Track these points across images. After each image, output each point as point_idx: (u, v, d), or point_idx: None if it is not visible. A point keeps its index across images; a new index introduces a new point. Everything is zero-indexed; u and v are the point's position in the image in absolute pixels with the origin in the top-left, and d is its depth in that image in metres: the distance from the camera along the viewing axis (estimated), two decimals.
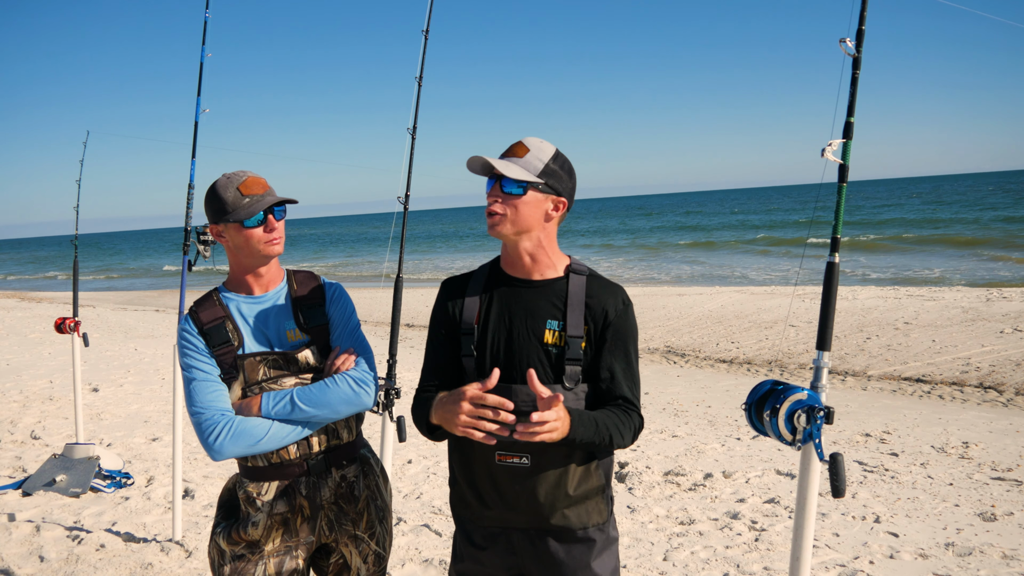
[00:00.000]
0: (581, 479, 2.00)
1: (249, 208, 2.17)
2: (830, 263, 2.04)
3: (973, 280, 18.62)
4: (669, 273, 25.72)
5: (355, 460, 2.34)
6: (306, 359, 2.24)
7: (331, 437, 2.27)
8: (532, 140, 2.02)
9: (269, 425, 2.14)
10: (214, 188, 2.22)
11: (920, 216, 44.20)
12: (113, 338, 13.71)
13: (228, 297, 2.28)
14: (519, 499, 1.99)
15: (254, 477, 2.25)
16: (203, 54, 4.38)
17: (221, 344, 2.21)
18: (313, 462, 2.24)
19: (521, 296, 2.04)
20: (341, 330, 2.30)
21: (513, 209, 1.97)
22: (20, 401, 8.34)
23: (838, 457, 1.86)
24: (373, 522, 2.34)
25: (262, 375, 2.21)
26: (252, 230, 2.19)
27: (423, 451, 6.25)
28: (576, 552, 2.02)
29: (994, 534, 4.31)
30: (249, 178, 2.21)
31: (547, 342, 1.98)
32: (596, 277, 2.08)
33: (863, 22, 2.00)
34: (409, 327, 14.76)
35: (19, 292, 30.86)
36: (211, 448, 2.11)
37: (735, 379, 9.26)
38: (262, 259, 2.24)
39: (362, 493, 2.33)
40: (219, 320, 2.23)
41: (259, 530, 2.21)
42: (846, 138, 2.01)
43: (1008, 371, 8.52)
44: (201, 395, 2.15)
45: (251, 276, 2.28)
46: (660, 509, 4.86)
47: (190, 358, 2.20)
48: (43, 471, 5.40)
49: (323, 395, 2.16)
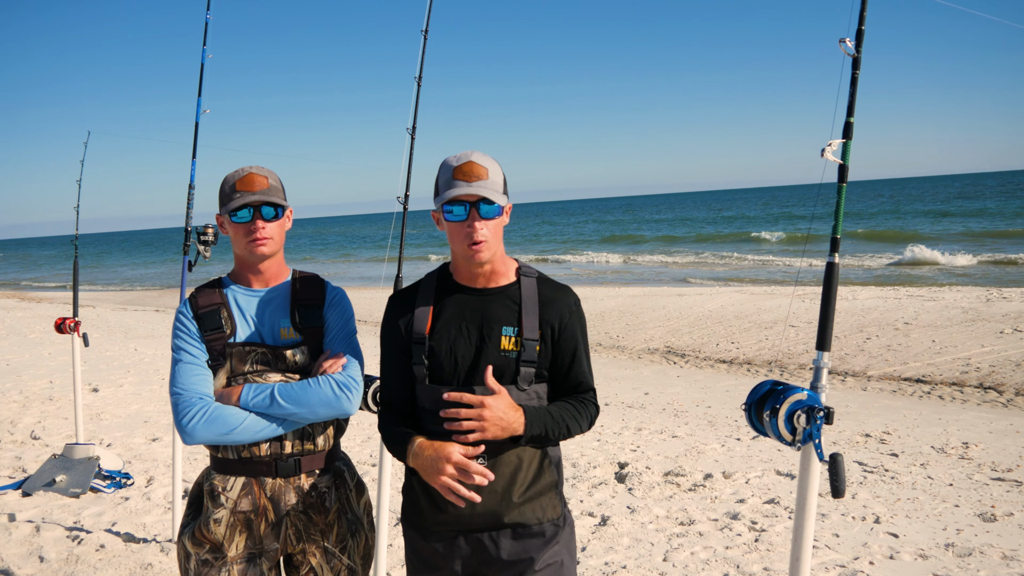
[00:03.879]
0: (535, 476, 2.05)
1: (233, 203, 2.19)
2: (830, 263, 2.04)
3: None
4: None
5: (328, 471, 2.29)
6: (294, 358, 2.23)
7: (305, 441, 2.23)
8: (479, 156, 2.01)
9: (245, 416, 2.13)
10: (223, 180, 2.26)
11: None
12: (113, 338, 13.71)
13: (230, 287, 2.30)
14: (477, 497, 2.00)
15: (221, 469, 2.23)
16: (204, 55, 4.38)
17: (213, 330, 2.22)
18: (283, 463, 2.20)
19: (475, 305, 2.07)
20: (335, 334, 2.29)
21: (493, 232, 2.00)
22: (20, 401, 8.34)
23: (838, 457, 1.86)
24: (344, 535, 2.29)
25: (248, 367, 2.20)
26: (238, 226, 2.22)
27: None
28: (531, 545, 2.05)
29: (994, 535, 4.31)
30: (249, 174, 2.22)
31: (504, 348, 2.02)
32: (545, 279, 2.13)
33: (863, 22, 2.00)
34: None
35: (19, 292, 30.85)
36: (183, 430, 2.11)
37: (735, 379, 9.26)
38: (249, 256, 2.25)
39: (333, 504, 2.27)
40: (215, 307, 2.25)
41: (221, 528, 2.18)
42: (846, 138, 2.01)
43: (1008, 371, 8.52)
44: (184, 377, 2.17)
45: (248, 271, 2.29)
46: (660, 509, 4.86)
47: (181, 340, 2.23)
48: (43, 471, 5.40)
49: (304, 393, 2.14)
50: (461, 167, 1.98)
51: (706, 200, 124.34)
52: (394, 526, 4.65)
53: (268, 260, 2.27)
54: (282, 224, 2.28)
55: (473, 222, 1.97)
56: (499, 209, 2.00)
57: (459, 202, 1.97)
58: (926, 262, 23.04)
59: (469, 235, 1.97)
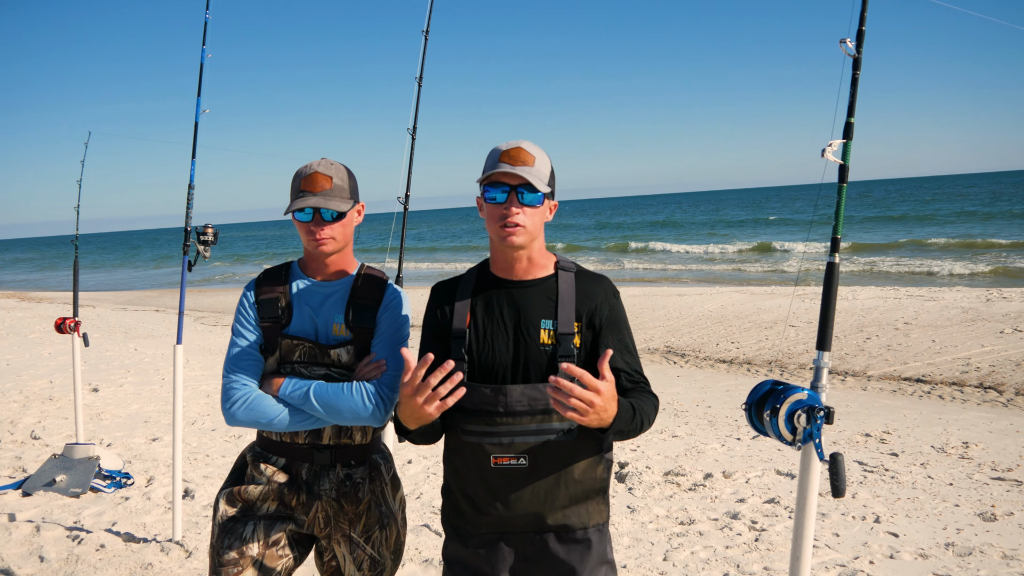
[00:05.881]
0: (580, 478, 2.00)
1: (294, 204, 2.23)
2: (830, 263, 2.04)
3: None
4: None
5: (364, 463, 2.35)
6: (339, 356, 2.26)
7: (343, 435, 2.30)
8: (530, 146, 2.00)
9: (281, 409, 2.21)
10: (297, 171, 2.30)
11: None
12: (113, 338, 13.71)
13: (295, 275, 2.35)
14: (517, 501, 1.98)
15: (265, 446, 2.34)
16: (203, 54, 4.38)
17: (269, 318, 2.30)
18: (319, 453, 2.28)
19: (513, 298, 2.03)
20: (385, 338, 2.29)
21: (531, 220, 1.98)
22: (20, 401, 8.34)
23: (838, 457, 1.86)
24: (371, 527, 2.33)
25: (296, 357, 2.27)
26: (300, 224, 2.27)
27: (423, 451, 6.25)
28: (575, 552, 2.01)
29: (994, 534, 4.31)
30: (315, 173, 2.25)
31: (543, 342, 1.98)
32: (584, 272, 2.09)
33: (863, 23, 2.01)
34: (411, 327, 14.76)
35: (19, 292, 30.85)
36: (226, 412, 2.22)
37: (735, 379, 9.26)
38: (312, 252, 2.30)
39: (366, 496, 2.32)
40: (275, 295, 2.31)
41: (257, 491, 2.28)
42: (846, 138, 2.01)
43: (1008, 371, 8.52)
44: (236, 363, 2.26)
45: (313, 263, 2.34)
46: (660, 509, 4.86)
47: (240, 323, 2.31)
48: (43, 471, 5.40)
49: (336, 398, 2.18)
50: (509, 151, 1.98)
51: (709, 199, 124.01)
52: None
53: (333, 256, 2.31)
54: (347, 223, 2.30)
55: (511, 206, 1.95)
56: (540, 197, 1.97)
57: (501, 185, 1.96)
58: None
59: (504, 217, 1.95)
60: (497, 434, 1.96)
